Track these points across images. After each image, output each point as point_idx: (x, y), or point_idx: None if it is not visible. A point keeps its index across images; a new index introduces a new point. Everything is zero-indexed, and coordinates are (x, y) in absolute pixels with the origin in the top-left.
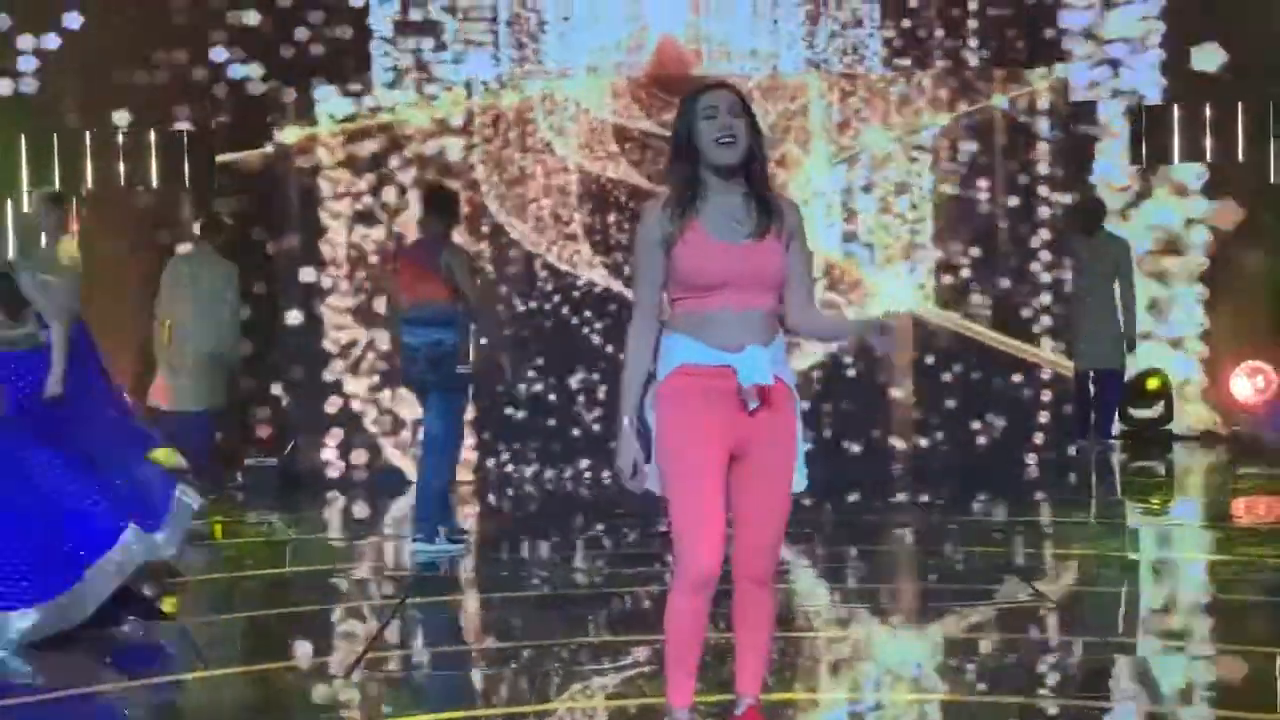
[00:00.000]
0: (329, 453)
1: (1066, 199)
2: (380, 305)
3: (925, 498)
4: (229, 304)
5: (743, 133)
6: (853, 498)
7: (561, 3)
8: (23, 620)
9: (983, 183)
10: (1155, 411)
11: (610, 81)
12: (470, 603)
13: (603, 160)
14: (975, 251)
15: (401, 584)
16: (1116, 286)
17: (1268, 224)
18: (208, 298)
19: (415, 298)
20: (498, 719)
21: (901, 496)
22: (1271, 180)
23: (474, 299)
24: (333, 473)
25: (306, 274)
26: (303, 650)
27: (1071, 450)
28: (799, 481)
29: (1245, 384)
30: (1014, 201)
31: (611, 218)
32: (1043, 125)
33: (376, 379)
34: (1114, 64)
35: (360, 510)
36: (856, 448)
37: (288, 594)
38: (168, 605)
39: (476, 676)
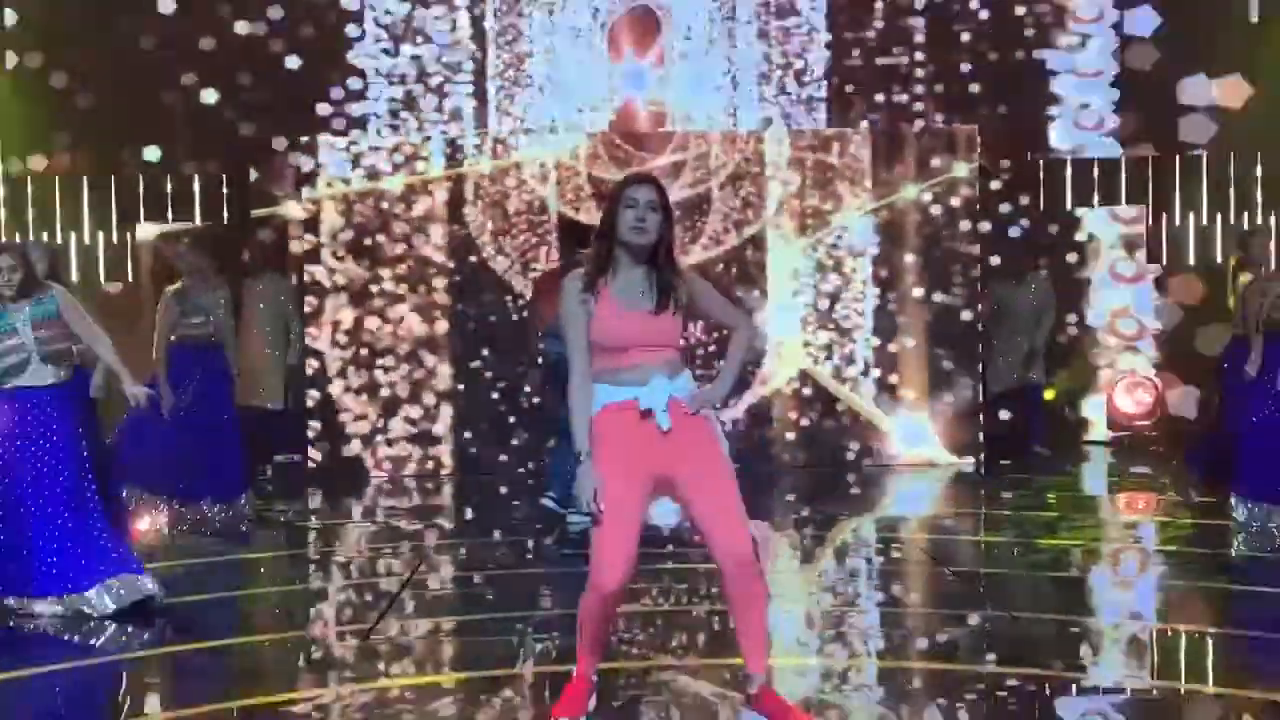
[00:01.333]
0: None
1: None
2: None
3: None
4: (293, 316)
5: (655, 224)
6: None
7: (546, 69)
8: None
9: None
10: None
11: (585, 137)
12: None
13: (577, 206)
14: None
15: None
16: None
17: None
18: (273, 313)
19: (552, 315)
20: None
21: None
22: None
23: None
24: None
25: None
26: None
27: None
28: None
29: (1126, 399)
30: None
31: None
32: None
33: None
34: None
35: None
36: None
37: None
38: None
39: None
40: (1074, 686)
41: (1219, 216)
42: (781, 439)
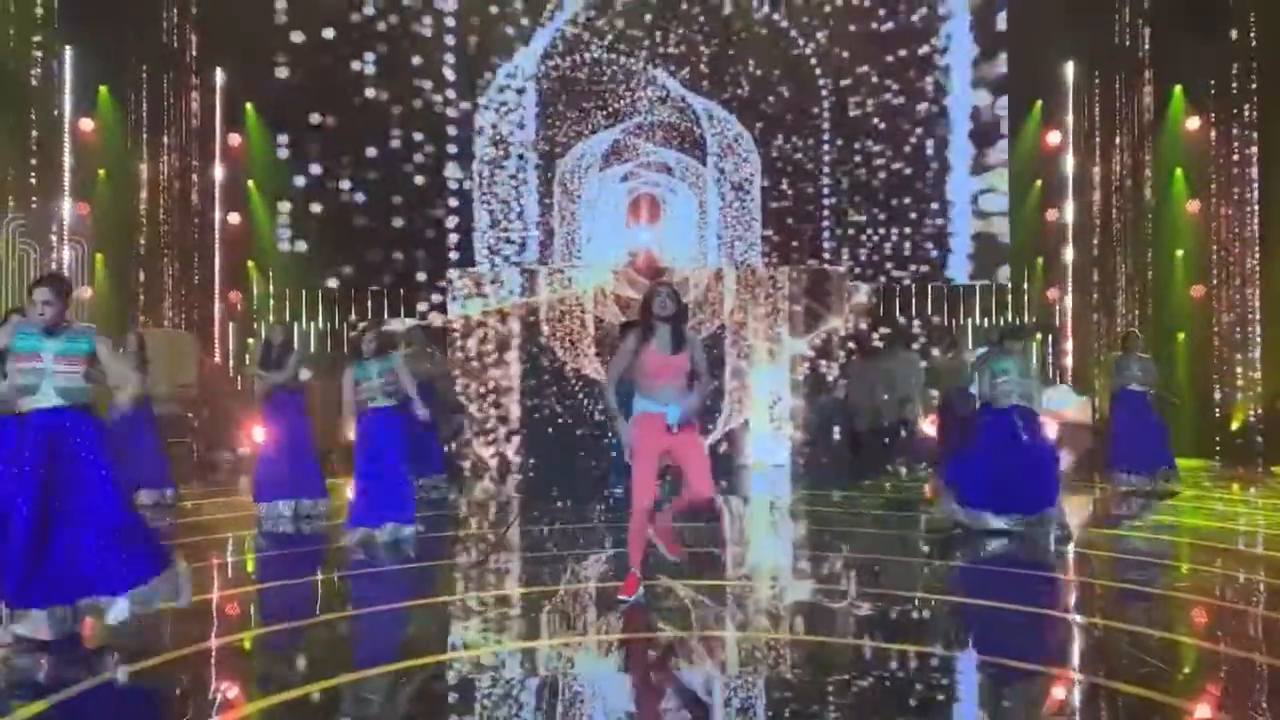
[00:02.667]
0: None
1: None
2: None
3: None
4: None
5: (672, 308)
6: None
7: (586, 227)
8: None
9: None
10: None
11: (613, 272)
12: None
13: (608, 314)
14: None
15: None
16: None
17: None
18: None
19: None
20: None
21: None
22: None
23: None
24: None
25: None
26: None
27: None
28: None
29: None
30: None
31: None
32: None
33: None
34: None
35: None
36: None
37: None
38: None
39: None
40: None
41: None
42: None
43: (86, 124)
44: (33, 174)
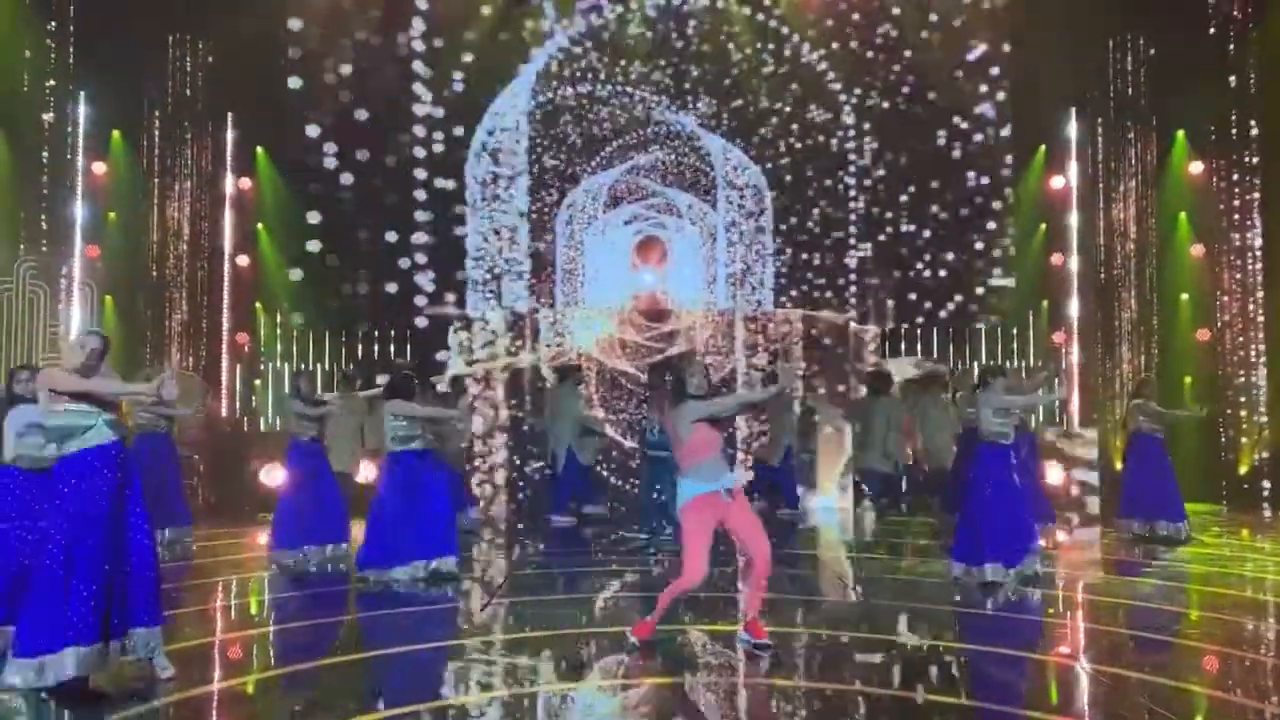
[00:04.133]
0: None
1: None
2: None
3: None
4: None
5: (706, 387)
6: None
7: (593, 264)
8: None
9: None
10: None
11: (617, 312)
12: None
13: (611, 356)
14: None
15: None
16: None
17: None
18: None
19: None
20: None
21: None
22: None
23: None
24: None
25: None
26: None
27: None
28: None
29: None
30: None
31: (613, 388)
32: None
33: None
34: None
35: None
36: None
37: None
38: None
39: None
40: None
41: None
42: None
43: (99, 167)
44: (44, 217)
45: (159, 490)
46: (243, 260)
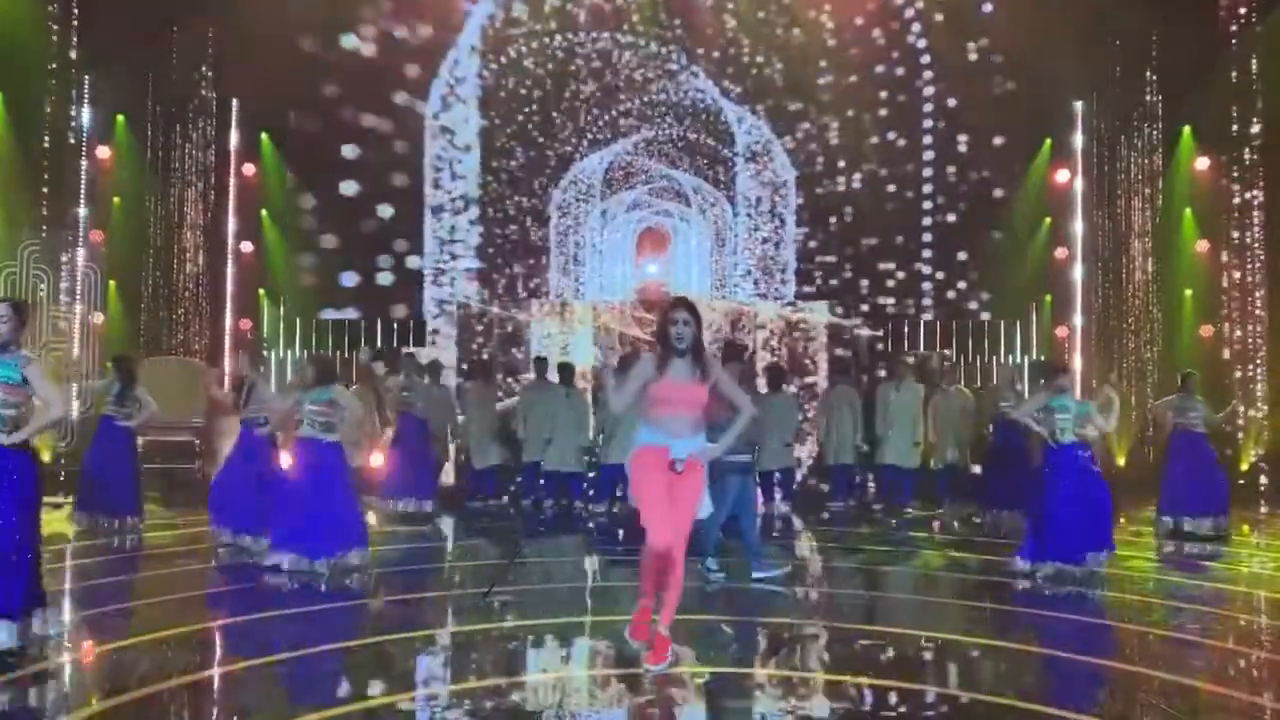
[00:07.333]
0: None
1: None
2: None
3: None
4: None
5: (689, 333)
6: None
7: (596, 255)
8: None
9: None
10: None
11: (619, 302)
12: None
13: (610, 350)
14: None
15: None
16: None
17: None
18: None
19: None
20: None
21: None
22: None
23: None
24: None
25: None
26: None
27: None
28: (704, 509)
29: None
30: None
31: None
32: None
33: None
34: None
35: None
36: None
37: None
38: None
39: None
40: None
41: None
42: None
43: (103, 152)
44: (45, 201)
45: (112, 479)
46: (246, 246)
